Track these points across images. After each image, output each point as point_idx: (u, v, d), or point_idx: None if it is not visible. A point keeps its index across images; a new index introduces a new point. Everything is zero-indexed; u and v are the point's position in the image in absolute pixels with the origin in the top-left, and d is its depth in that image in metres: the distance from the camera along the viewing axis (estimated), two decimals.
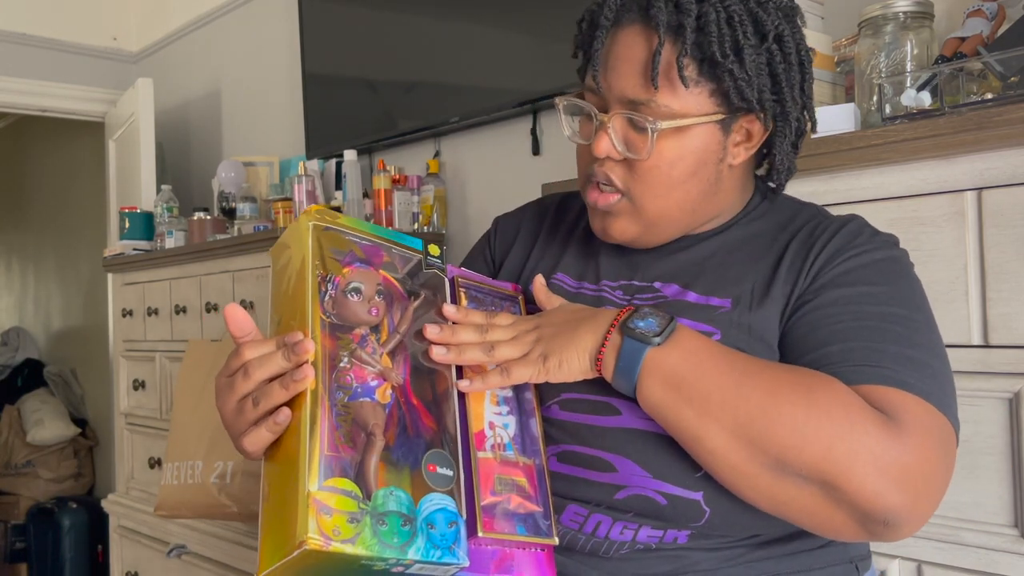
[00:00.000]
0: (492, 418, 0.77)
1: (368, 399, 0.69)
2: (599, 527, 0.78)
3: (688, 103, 0.78)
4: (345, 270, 0.73)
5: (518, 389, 0.80)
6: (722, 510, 0.74)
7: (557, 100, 0.87)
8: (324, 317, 0.70)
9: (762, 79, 0.78)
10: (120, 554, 2.86)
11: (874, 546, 1.01)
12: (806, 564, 0.79)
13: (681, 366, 0.71)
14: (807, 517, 0.70)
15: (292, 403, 0.67)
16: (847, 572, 0.81)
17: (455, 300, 0.79)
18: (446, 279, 0.79)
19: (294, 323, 0.71)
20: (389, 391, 0.70)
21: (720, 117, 0.79)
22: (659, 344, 0.72)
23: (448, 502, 0.69)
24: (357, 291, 0.72)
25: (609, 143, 0.80)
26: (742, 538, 0.77)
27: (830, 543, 0.81)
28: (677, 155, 0.79)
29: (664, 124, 0.78)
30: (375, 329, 0.72)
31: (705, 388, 0.70)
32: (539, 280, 0.86)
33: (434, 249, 0.79)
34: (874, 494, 0.65)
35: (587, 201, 0.86)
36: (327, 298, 0.71)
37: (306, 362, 0.66)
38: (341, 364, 0.69)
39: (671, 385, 0.71)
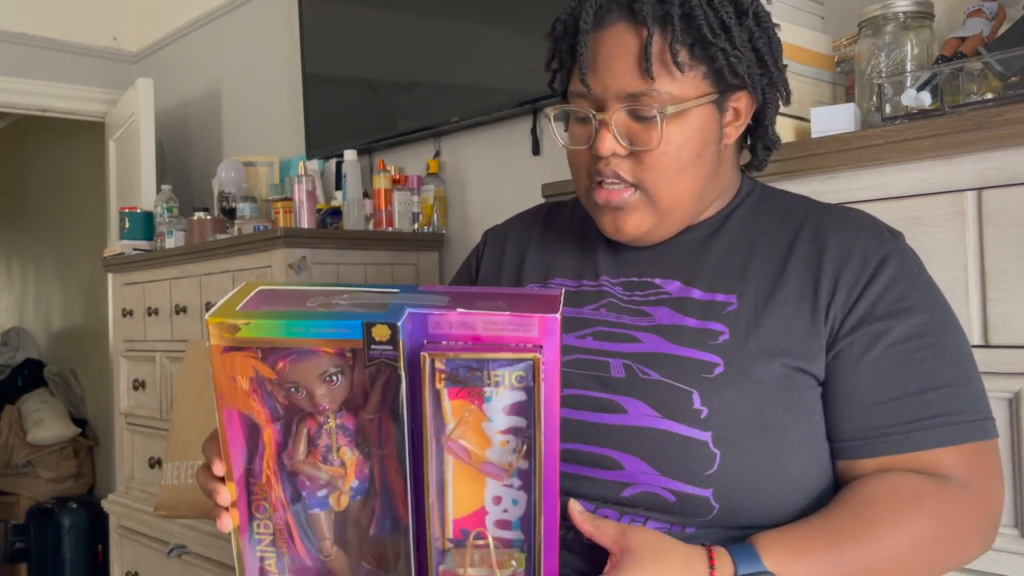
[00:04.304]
0: (499, 491, 0.64)
1: (319, 510, 0.64)
2: None
3: (686, 87, 0.80)
4: (274, 374, 0.62)
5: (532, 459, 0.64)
6: (732, 506, 0.75)
7: (547, 111, 0.88)
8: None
9: (748, 54, 0.82)
10: (120, 554, 2.86)
11: None
12: None
13: None
14: None
15: None
16: None
17: (419, 387, 0.61)
18: (402, 370, 0.59)
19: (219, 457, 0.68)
20: (346, 495, 0.63)
21: (715, 96, 0.82)
22: None
23: None
24: (296, 387, 0.62)
25: (613, 140, 0.82)
26: (751, 526, 0.77)
27: None
28: (683, 139, 0.81)
29: (671, 109, 0.79)
30: (339, 411, 0.62)
31: None
32: (575, 507, 0.76)
33: (381, 332, 0.58)
34: (973, 558, 0.79)
35: (594, 202, 0.86)
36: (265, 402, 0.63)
37: (225, 509, 0.68)
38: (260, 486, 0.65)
39: None
